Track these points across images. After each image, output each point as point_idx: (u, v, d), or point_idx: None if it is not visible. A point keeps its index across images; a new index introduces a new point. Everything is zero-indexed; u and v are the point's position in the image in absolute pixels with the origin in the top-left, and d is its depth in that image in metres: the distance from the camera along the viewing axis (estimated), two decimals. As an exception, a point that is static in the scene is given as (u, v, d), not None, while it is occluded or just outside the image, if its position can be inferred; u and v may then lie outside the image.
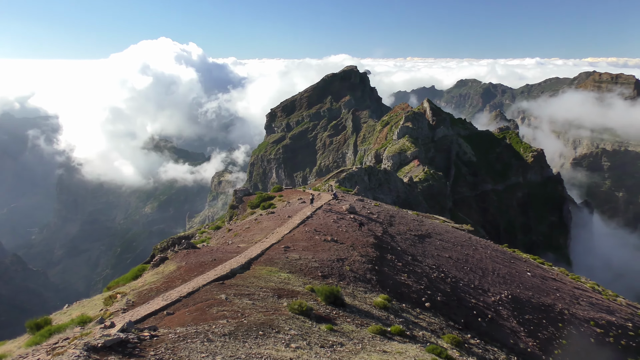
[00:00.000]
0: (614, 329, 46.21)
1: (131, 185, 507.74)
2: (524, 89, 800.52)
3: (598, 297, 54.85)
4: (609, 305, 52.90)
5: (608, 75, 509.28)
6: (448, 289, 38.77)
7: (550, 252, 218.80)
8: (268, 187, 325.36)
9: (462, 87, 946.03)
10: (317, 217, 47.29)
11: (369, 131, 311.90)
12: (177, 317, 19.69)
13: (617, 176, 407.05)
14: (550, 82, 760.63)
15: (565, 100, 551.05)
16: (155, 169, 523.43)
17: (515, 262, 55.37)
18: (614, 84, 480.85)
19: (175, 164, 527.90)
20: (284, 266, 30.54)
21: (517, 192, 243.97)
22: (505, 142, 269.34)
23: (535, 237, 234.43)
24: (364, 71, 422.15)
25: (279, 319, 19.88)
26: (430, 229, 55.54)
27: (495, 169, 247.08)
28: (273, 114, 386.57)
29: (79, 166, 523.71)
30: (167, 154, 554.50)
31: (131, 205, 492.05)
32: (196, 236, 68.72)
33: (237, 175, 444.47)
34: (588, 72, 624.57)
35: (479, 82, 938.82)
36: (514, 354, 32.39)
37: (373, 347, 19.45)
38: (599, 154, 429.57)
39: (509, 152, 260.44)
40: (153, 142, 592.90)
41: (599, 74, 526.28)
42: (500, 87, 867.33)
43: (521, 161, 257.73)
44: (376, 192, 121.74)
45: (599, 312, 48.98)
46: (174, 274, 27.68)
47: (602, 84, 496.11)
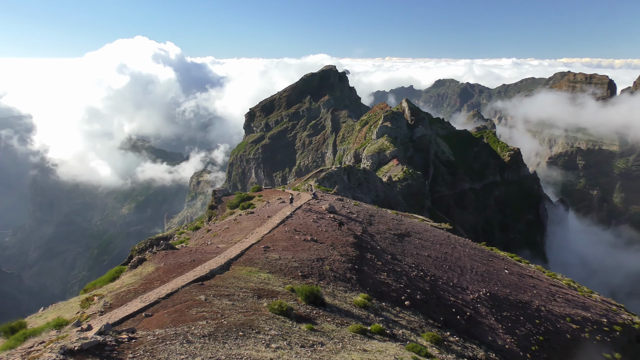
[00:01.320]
0: (590, 324, 47.10)
1: (108, 185, 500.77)
2: (501, 88, 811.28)
3: (574, 294, 55.83)
4: (585, 302, 53.89)
5: (582, 75, 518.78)
6: (427, 287, 39.06)
7: (526, 250, 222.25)
8: (247, 187, 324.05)
9: (440, 87, 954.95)
10: (296, 217, 47.24)
11: (348, 131, 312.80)
12: (156, 319, 19.47)
13: (592, 174, 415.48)
14: (526, 82, 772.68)
15: (540, 100, 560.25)
16: (132, 169, 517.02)
17: (493, 260, 56.04)
18: (588, 84, 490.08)
19: (153, 163, 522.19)
20: (263, 266, 30.41)
21: (494, 190, 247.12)
22: (482, 141, 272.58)
23: (513, 235, 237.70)
24: (343, 71, 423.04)
25: (259, 319, 19.80)
26: (410, 228, 55.90)
27: (473, 168, 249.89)
28: (252, 114, 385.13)
29: (53, 167, 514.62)
30: (144, 154, 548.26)
31: (108, 206, 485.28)
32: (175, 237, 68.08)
33: (216, 174, 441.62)
34: (563, 72, 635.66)
35: (457, 82, 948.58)
36: (492, 351, 32.78)
37: (353, 346, 19.49)
38: (573, 153, 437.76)
39: (486, 152, 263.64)
40: (130, 142, 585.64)
41: (573, 74, 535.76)
42: (478, 87, 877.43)
43: (498, 160, 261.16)
44: (355, 192, 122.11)
45: (574, 308, 49.86)
46: (153, 276, 27.38)
47: (576, 84, 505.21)
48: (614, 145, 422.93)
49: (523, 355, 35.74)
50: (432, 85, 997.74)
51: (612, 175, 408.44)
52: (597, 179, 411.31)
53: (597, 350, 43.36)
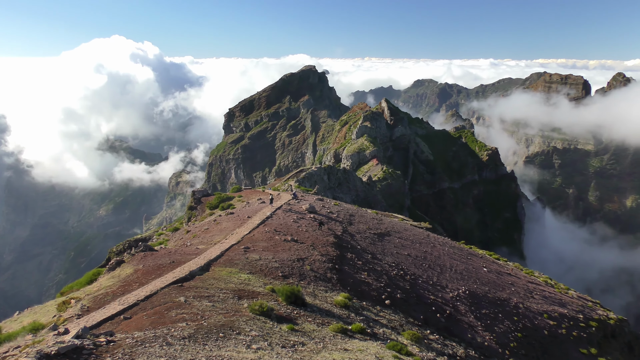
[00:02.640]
0: (566, 320, 47.90)
1: (85, 187, 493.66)
2: (479, 89, 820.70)
3: (551, 291, 56.74)
4: (561, 298, 54.80)
5: (558, 76, 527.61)
6: (407, 286, 39.30)
7: (504, 247, 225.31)
8: (227, 187, 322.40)
9: (419, 87, 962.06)
10: (277, 217, 47.15)
11: (328, 131, 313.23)
12: (135, 322, 19.25)
13: (567, 173, 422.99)
14: (504, 82, 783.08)
15: (516, 100, 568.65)
16: (110, 170, 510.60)
17: (472, 259, 56.64)
18: (564, 85, 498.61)
19: (131, 164, 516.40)
20: (244, 267, 30.28)
21: (473, 189, 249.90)
22: (461, 141, 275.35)
23: (491, 233, 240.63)
24: (323, 71, 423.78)
25: (240, 320, 19.71)
26: (390, 227, 56.19)
27: (451, 167, 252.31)
28: (231, 114, 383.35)
29: (28, 168, 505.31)
30: (122, 155, 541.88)
31: (85, 207, 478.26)
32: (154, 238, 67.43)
33: (195, 174, 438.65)
34: (539, 72, 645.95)
35: (436, 82, 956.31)
36: (472, 348, 33.11)
37: (334, 346, 19.52)
38: (550, 152, 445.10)
39: (464, 151, 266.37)
40: (108, 143, 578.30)
41: (549, 75, 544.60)
42: (456, 87, 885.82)
43: (477, 159, 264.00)
44: (336, 192, 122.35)
45: (551, 305, 50.66)
46: (131, 278, 27.07)
47: (552, 84, 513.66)
48: (589, 145, 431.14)
49: (502, 352, 36.17)
50: (411, 86, 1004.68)
51: (587, 174, 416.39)
52: (572, 178, 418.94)
53: (573, 346, 44.13)
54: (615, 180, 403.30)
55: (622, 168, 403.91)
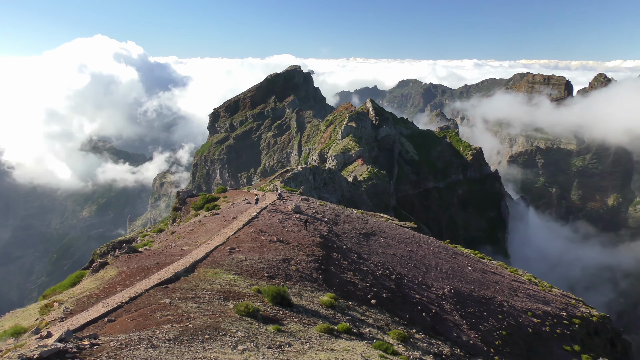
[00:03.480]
0: (550, 318, 48.43)
1: (67, 188, 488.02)
2: (463, 89, 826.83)
3: (535, 289, 57.33)
4: (545, 296, 55.39)
5: (541, 76, 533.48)
6: (393, 285, 39.43)
7: (488, 245, 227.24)
8: (212, 188, 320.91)
9: (404, 87, 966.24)
10: (262, 218, 47.02)
11: (313, 131, 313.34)
12: (119, 324, 19.08)
13: (550, 172, 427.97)
14: (487, 82, 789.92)
15: (500, 100, 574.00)
16: (93, 170, 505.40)
17: (457, 258, 57.01)
18: (546, 85, 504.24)
19: (115, 164, 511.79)
20: (229, 268, 30.15)
21: (457, 189, 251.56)
22: (445, 141, 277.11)
23: (476, 232, 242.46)
24: (308, 71, 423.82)
25: (226, 321, 19.62)
26: (375, 227, 56.33)
27: (436, 167, 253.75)
28: (216, 114, 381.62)
29: (9, 169, 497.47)
30: (106, 155, 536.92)
31: (68, 209, 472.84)
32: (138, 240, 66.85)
33: (180, 175, 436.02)
34: (522, 73, 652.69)
35: (420, 83, 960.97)
36: (457, 347, 33.33)
37: (320, 346, 19.52)
38: (533, 151, 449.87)
39: (449, 151, 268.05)
40: (91, 144, 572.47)
41: (532, 75, 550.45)
42: (441, 88, 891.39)
43: (461, 159, 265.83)
44: (321, 192, 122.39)
45: (535, 302, 51.19)
46: (115, 280, 26.81)
47: (535, 84, 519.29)
48: (571, 144, 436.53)
49: (487, 350, 36.45)
50: (396, 86, 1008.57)
51: (570, 173, 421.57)
52: (555, 177, 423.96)
53: (557, 343, 44.63)
54: (597, 179, 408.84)
55: (604, 167, 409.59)
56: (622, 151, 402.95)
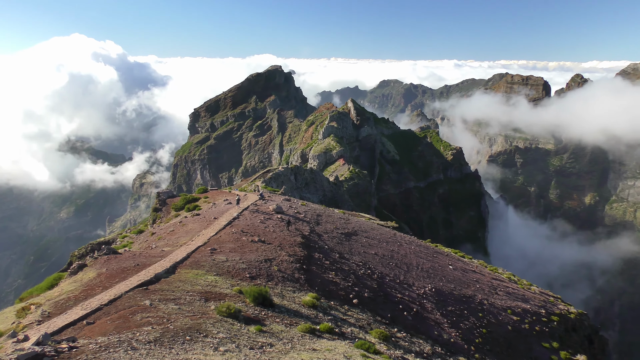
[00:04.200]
0: (529, 316, 49.07)
1: (45, 189, 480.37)
2: (443, 89, 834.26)
3: (514, 287, 58.04)
4: (524, 294, 56.11)
5: (519, 77, 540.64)
6: (375, 285, 39.58)
7: (469, 244, 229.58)
8: (193, 188, 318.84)
9: (385, 88, 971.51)
10: (243, 218, 46.81)
11: (295, 131, 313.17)
12: (98, 327, 18.84)
13: (529, 172, 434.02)
14: (467, 83, 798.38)
15: (479, 100, 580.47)
16: (71, 171, 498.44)
17: (437, 257, 57.45)
18: (525, 86, 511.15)
19: (94, 165, 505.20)
20: (210, 269, 29.96)
21: (438, 188, 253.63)
22: (426, 140, 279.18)
23: (456, 231, 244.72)
24: (289, 71, 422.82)
25: (207, 322, 19.50)
26: (357, 226, 56.48)
27: (417, 166, 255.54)
28: (196, 114, 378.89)
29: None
30: (84, 156, 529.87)
31: (45, 210, 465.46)
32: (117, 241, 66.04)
33: (161, 175, 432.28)
34: (501, 73, 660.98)
35: (401, 83, 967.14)
36: (438, 345, 33.58)
37: (303, 346, 19.51)
38: (512, 151, 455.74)
39: (430, 151, 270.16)
40: (69, 144, 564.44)
41: (511, 76, 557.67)
42: (421, 88, 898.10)
43: (442, 159, 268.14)
44: (303, 192, 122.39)
45: (515, 300, 51.82)
46: (94, 282, 26.47)
47: (514, 85, 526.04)
48: (549, 144, 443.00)
49: (467, 348, 36.78)
50: (377, 86, 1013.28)
51: (548, 173, 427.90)
52: (534, 176, 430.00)
53: (536, 341, 45.24)
54: (575, 179, 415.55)
55: (581, 166, 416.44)
56: (598, 151, 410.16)
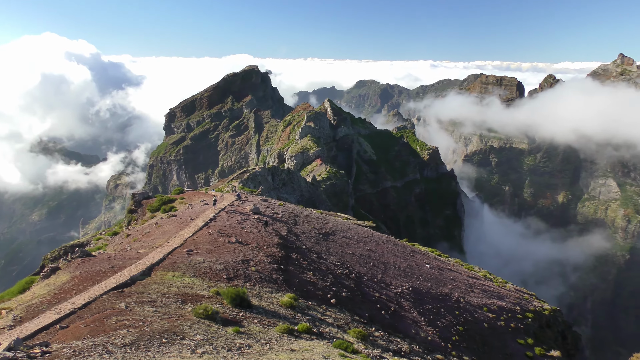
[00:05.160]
0: (505, 313, 49.82)
1: (16, 191, 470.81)
2: (419, 89, 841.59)
3: (490, 285, 58.84)
4: (500, 292, 56.93)
5: (494, 77, 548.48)
6: (352, 284, 39.70)
7: (445, 242, 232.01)
8: (169, 189, 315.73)
9: (362, 88, 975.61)
10: (220, 219, 46.50)
11: (272, 131, 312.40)
12: (72, 330, 18.50)
13: (504, 171, 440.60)
14: (443, 83, 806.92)
15: (453, 100, 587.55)
16: (43, 172, 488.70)
17: (414, 256, 57.90)
18: (499, 86, 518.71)
19: (66, 165, 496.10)
20: (187, 270, 29.68)
21: (415, 188, 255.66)
22: (403, 140, 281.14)
23: (433, 230, 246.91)
24: (265, 71, 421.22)
25: (184, 324, 19.32)
26: (334, 226, 56.59)
27: (394, 166, 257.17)
28: (172, 114, 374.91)
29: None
30: (57, 156, 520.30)
31: (16, 212, 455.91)
32: (91, 243, 64.98)
33: (136, 176, 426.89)
34: (476, 74, 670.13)
35: (377, 83, 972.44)
36: (416, 343, 33.84)
37: (281, 347, 19.47)
38: (487, 150, 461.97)
39: (406, 150, 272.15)
40: (41, 145, 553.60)
41: (485, 77, 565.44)
42: (397, 88, 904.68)
43: (418, 159, 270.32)
44: (280, 192, 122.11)
45: (490, 298, 52.55)
46: (68, 285, 25.99)
47: (488, 85, 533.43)
48: (523, 144, 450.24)
49: (444, 345, 37.16)
50: (353, 86, 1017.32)
51: (522, 172, 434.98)
52: (508, 175, 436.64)
53: (511, 337, 45.95)
54: (548, 177, 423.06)
55: (554, 166, 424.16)
56: (570, 150, 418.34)
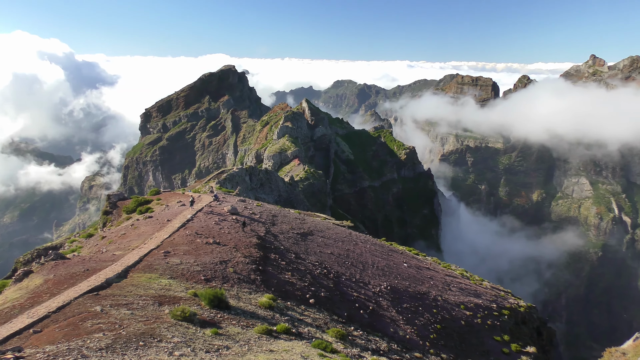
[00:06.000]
0: (481, 310, 50.43)
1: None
2: (396, 89, 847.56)
3: (467, 283, 59.50)
4: (476, 289, 57.62)
5: (469, 77, 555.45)
6: (331, 284, 39.75)
7: (422, 241, 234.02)
8: (145, 190, 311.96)
9: (339, 88, 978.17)
10: (198, 220, 46.12)
11: (249, 131, 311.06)
12: (46, 335, 18.15)
13: (480, 170, 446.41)
14: (419, 83, 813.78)
15: (429, 100, 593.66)
16: (15, 174, 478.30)
17: (392, 255, 58.22)
18: (474, 86, 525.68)
19: (39, 166, 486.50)
20: (164, 272, 29.36)
21: (392, 187, 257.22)
22: (380, 140, 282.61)
23: (410, 229, 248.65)
24: (242, 71, 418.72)
25: (161, 327, 19.10)
26: (312, 226, 56.58)
27: (371, 166, 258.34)
28: (148, 115, 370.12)
29: None
30: (29, 157, 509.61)
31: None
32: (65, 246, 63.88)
33: (111, 177, 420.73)
34: (452, 74, 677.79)
35: (355, 83, 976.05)
36: (394, 342, 34.04)
37: (260, 348, 19.40)
38: (463, 150, 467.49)
39: (384, 150, 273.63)
40: (12, 145, 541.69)
41: (461, 77, 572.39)
42: (375, 88, 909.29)
43: (395, 158, 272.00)
44: (258, 192, 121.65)
45: (467, 296, 53.14)
46: (41, 288, 25.48)
47: (464, 85, 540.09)
48: (499, 143, 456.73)
49: (422, 343, 37.45)
50: (331, 86, 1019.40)
51: (498, 171, 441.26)
52: (484, 174, 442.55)
53: (488, 334, 46.54)
54: (522, 176, 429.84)
55: (528, 165, 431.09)
56: (544, 149, 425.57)
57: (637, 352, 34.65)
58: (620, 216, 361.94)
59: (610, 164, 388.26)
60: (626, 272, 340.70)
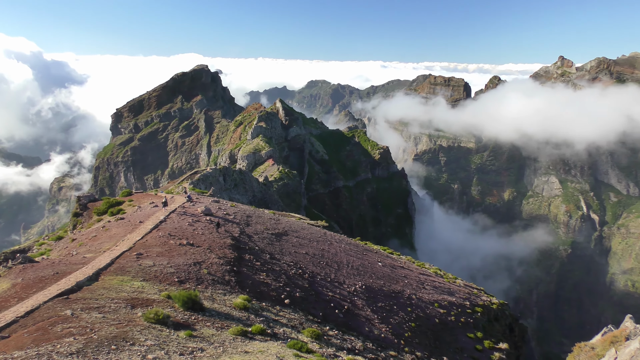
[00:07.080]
0: (455, 308, 51.08)
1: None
2: (370, 89, 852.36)
3: (440, 281, 60.18)
4: (450, 287, 58.32)
5: (442, 78, 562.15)
6: (306, 284, 39.75)
7: (396, 240, 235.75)
8: (116, 191, 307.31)
9: (313, 88, 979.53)
10: (171, 221, 45.61)
11: (223, 131, 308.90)
12: (14, 340, 17.70)
13: (452, 170, 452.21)
14: (393, 83, 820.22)
15: (401, 100, 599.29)
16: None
17: (367, 254, 58.53)
18: (447, 87, 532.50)
19: (5, 167, 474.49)
20: (136, 274, 28.93)
21: (366, 187, 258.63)
22: (354, 140, 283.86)
23: (384, 228, 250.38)
24: (216, 71, 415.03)
25: (134, 330, 18.82)
26: (287, 227, 56.52)
27: (346, 166, 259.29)
28: (119, 114, 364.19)
29: None
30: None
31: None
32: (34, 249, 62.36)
33: (82, 177, 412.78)
34: (425, 75, 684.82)
35: (329, 83, 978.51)
36: (370, 341, 34.21)
37: (234, 349, 19.28)
38: (436, 149, 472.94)
39: (358, 150, 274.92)
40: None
41: (434, 77, 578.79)
42: (348, 88, 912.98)
43: (369, 158, 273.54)
44: (232, 193, 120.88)
45: (441, 294, 53.76)
46: (8, 293, 24.85)
47: (436, 86, 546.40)
48: (471, 143, 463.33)
49: (397, 342, 37.72)
50: (305, 86, 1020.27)
51: (470, 170, 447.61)
52: (457, 174, 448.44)
53: (462, 331, 47.16)
54: (494, 175, 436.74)
55: (500, 164, 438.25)
56: (514, 148, 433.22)
57: (605, 346, 35.54)
58: (589, 214, 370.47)
59: (579, 163, 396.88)
60: (594, 268, 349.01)
